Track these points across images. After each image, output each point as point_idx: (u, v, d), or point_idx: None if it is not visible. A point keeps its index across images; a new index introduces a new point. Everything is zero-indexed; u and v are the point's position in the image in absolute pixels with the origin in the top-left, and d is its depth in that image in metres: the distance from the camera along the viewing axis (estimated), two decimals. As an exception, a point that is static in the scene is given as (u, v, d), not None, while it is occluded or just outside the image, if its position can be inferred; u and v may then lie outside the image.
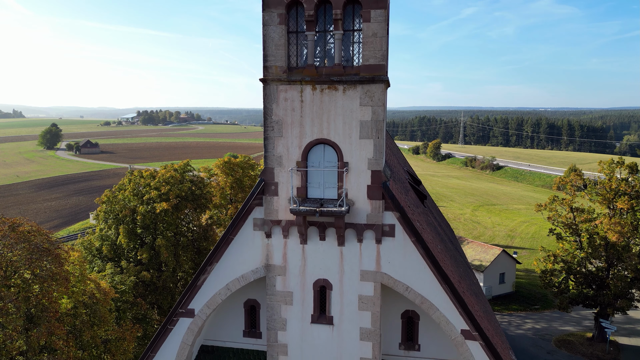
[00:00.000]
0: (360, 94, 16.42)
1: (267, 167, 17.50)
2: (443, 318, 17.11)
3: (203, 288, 18.67)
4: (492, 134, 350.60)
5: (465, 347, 17.03)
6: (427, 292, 17.13)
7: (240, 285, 18.41)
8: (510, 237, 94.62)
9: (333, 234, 17.48)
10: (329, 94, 16.63)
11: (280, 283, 18.09)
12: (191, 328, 18.92)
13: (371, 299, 17.54)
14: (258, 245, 18.11)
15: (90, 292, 32.86)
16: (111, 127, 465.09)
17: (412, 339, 19.21)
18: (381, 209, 17.02)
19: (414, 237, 16.96)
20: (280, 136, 17.19)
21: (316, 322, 18.04)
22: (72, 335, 31.14)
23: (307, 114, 16.87)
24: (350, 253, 17.50)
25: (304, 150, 17.11)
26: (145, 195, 46.14)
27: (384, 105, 16.50)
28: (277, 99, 16.98)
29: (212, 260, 18.43)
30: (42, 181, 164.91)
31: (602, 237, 45.61)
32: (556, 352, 48.97)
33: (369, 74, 16.25)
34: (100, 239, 46.19)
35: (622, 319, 55.86)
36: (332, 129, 16.80)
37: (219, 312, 20.28)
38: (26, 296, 27.72)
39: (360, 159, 16.84)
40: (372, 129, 16.56)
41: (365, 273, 17.50)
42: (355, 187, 17.07)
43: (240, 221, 18.10)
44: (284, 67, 16.78)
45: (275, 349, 18.41)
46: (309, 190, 17.49)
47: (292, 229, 17.69)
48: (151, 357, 19.25)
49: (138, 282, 42.96)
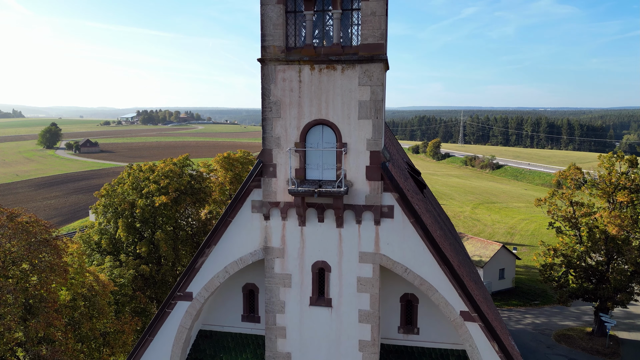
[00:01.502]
0: (359, 73, 16.35)
1: (265, 149, 17.42)
2: (442, 299, 17.02)
3: (201, 271, 18.58)
4: (492, 133, 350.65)
5: (464, 329, 16.95)
6: (426, 274, 17.04)
7: (238, 267, 18.32)
8: (510, 234, 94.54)
9: (332, 215, 17.40)
10: (328, 74, 16.55)
11: (279, 265, 18.01)
12: (189, 311, 18.83)
13: (370, 281, 17.45)
14: (256, 228, 18.02)
15: (89, 284, 32.80)
16: (111, 127, 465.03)
17: (411, 323, 19.11)
18: (380, 190, 16.94)
19: (412, 218, 16.88)
20: (278, 117, 17.10)
21: (315, 305, 17.95)
22: (71, 327, 31.09)
23: (306, 95, 16.79)
24: (349, 235, 17.42)
25: (302, 131, 17.03)
26: (144, 188, 46.05)
27: (382, 85, 16.42)
28: (275, 80, 16.90)
29: (210, 243, 18.35)
30: (41, 180, 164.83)
31: (602, 231, 45.53)
32: (556, 347, 48.88)
33: (367, 53, 16.17)
34: (99, 233, 46.10)
35: (622, 313, 55.79)
36: (330, 109, 16.73)
37: (218, 297, 20.19)
38: (24, 287, 27.64)
39: (359, 140, 16.76)
40: (370, 109, 16.48)
41: (364, 255, 17.42)
42: (354, 168, 16.99)
43: (239, 203, 18.02)
44: (282, 47, 16.70)
45: (273, 331, 18.32)
46: (308, 171, 17.41)
47: (290, 210, 17.61)
48: (149, 341, 19.16)
49: (137, 276, 42.87)
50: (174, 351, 19.04)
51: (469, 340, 16.96)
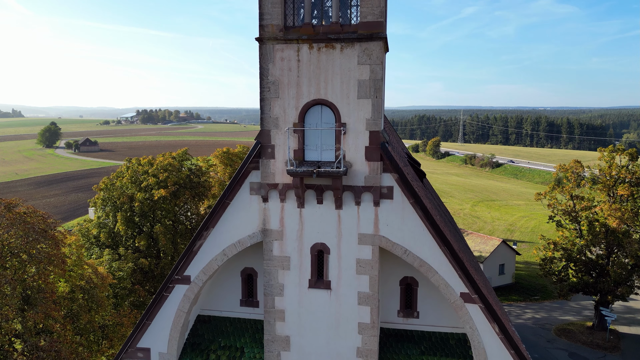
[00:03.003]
0: (359, 52, 16.20)
1: (264, 130, 17.27)
2: (442, 281, 16.88)
3: (199, 254, 18.42)
4: (492, 132, 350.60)
5: (464, 311, 16.81)
6: (426, 255, 16.90)
7: (236, 250, 18.17)
8: (510, 231, 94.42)
9: (330, 197, 17.25)
10: (327, 52, 16.41)
11: (278, 248, 17.85)
12: (187, 295, 18.67)
13: (369, 263, 17.30)
14: (255, 210, 17.87)
15: (87, 276, 32.65)
16: (110, 126, 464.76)
17: (411, 307, 18.98)
18: (379, 171, 16.80)
19: (412, 199, 16.74)
20: (276, 97, 16.95)
21: (314, 287, 17.80)
22: (69, 319, 30.93)
23: (304, 74, 16.64)
24: (348, 216, 17.27)
25: (300, 112, 16.88)
26: (143, 182, 45.90)
27: (382, 64, 16.28)
28: (274, 59, 16.75)
29: (208, 226, 18.20)
30: (41, 178, 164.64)
31: (602, 224, 45.39)
32: (556, 341, 48.77)
33: (367, 31, 16.02)
34: (98, 227, 45.93)
35: (622, 308, 55.68)
36: (329, 89, 16.58)
37: (216, 282, 20.04)
38: (22, 277, 27.48)
39: (358, 120, 16.61)
40: (370, 88, 16.34)
41: (363, 236, 17.27)
42: (353, 148, 16.85)
43: (237, 185, 17.87)
44: (280, 26, 16.55)
45: (272, 315, 18.17)
46: (306, 152, 17.26)
47: (289, 192, 17.46)
48: (147, 325, 19.01)
49: (136, 269, 42.72)
50: (171, 335, 18.89)
51: (469, 322, 16.82)
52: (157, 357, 19.14)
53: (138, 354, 19.23)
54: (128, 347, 19.25)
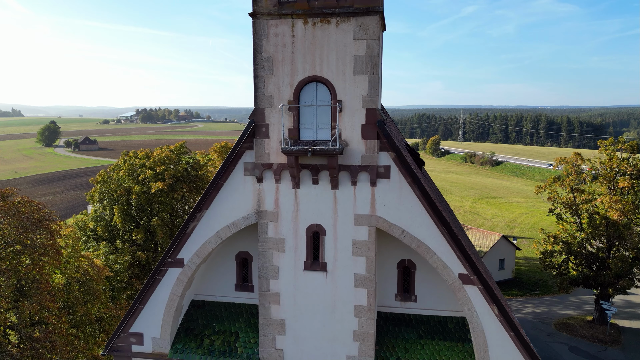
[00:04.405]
0: (354, 26, 15.82)
1: (258, 108, 16.88)
2: (440, 262, 16.51)
3: (192, 236, 18.05)
4: (492, 131, 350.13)
5: (463, 292, 16.43)
6: (424, 236, 16.52)
7: (231, 232, 17.79)
8: (510, 228, 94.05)
9: (326, 177, 16.88)
10: (322, 28, 16.03)
11: (272, 229, 17.48)
12: (180, 278, 18.30)
13: (366, 244, 16.93)
14: (249, 191, 17.49)
15: (83, 269, 32.31)
16: (110, 125, 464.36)
17: (409, 290, 18.61)
18: (376, 149, 16.42)
19: (410, 178, 16.37)
20: (270, 74, 16.57)
21: (309, 269, 17.42)
22: (65, 311, 30.59)
23: (299, 50, 16.26)
24: (344, 196, 16.89)
25: (295, 89, 16.50)
26: (140, 175, 45.55)
27: (379, 39, 15.89)
28: (267, 35, 16.37)
29: (202, 207, 17.82)
30: (40, 177, 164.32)
31: (603, 217, 45.03)
32: (556, 335, 48.40)
33: (363, 5, 15.63)
34: (94, 220, 45.58)
35: (623, 302, 55.33)
36: (324, 65, 16.20)
37: (210, 266, 19.67)
38: (16, 267, 27.12)
39: (355, 97, 16.23)
40: (366, 64, 15.96)
41: (360, 217, 16.89)
42: (349, 126, 16.47)
43: (230, 166, 17.49)
44: (274, 1, 16.16)
45: (267, 298, 17.80)
46: (301, 131, 16.88)
47: (284, 172, 17.09)
48: (139, 309, 18.63)
49: (133, 263, 42.36)
50: (165, 319, 18.52)
51: (468, 304, 16.45)
52: (150, 342, 18.77)
53: (131, 339, 18.86)
54: (120, 332, 18.88)
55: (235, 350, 18.43)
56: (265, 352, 18.08)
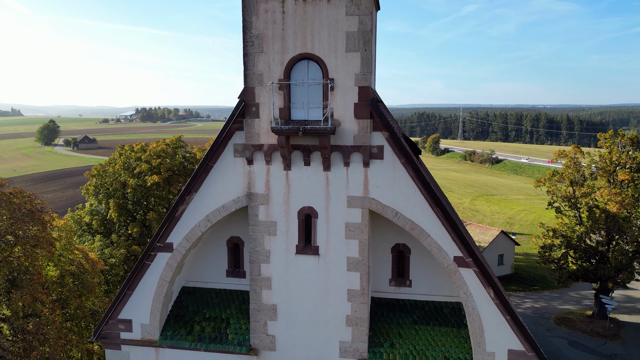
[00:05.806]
0: (346, 1, 15.38)
1: (247, 87, 16.45)
2: (435, 245, 16.08)
3: (182, 220, 17.61)
4: (491, 129, 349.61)
5: (458, 275, 16.01)
6: (418, 218, 16.10)
7: (221, 215, 17.36)
8: (509, 224, 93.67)
9: (318, 158, 16.46)
10: (313, 3, 15.60)
11: (263, 212, 17.06)
12: (170, 263, 17.87)
13: (359, 227, 16.50)
14: (239, 173, 17.06)
15: (77, 262, 31.91)
16: (109, 124, 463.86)
17: (403, 275, 18.19)
18: (369, 129, 16.00)
19: (403, 159, 15.95)
20: (260, 52, 16.14)
21: (301, 253, 17.00)
22: (59, 304, 30.17)
23: (290, 27, 15.83)
24: (337, 178, 16.47)
25: (286, 67, 16.07)
26: (136, 168, 45.15)
27: (371, 15, 15.47)
28: (257, 11, 15.93)
29: (191, 190, 17.39)
30: (39, 175, 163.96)
31: (603, 210, 44.59)
32: (556, 329, 47.97)
33: (354, -21, 15.22)
34: (90, 214, 45.17)
35: (623, 297, 54.91)
36: (316, 42, 15.77)
37: (201, 252, 19.25)
38: (8, 259, 26.70)
39: (347, 75, 15.80)
40: (359, 40, 15.53)
41: (352, 199, 16.47)
42: (341, 106, 16.04)
43: (220, 147, 17.05)
44: (264, -24, 15.75)
45: (258, 282, 17.37)
46: (292, 111, 16.45)
47: (274, 154, 16.66)
48: (128, 295, 18.21)
49: (129, 257, 41.95)
50: (154, 306, 18.10)
51: (463, 288, 16.03)
52: (139, 328, 18.36)
53: (119, 326, 18.45)
54: (109, 318, 18.46)
55: (226, 337, 18.01)
56: (256, 338, 17.67)
